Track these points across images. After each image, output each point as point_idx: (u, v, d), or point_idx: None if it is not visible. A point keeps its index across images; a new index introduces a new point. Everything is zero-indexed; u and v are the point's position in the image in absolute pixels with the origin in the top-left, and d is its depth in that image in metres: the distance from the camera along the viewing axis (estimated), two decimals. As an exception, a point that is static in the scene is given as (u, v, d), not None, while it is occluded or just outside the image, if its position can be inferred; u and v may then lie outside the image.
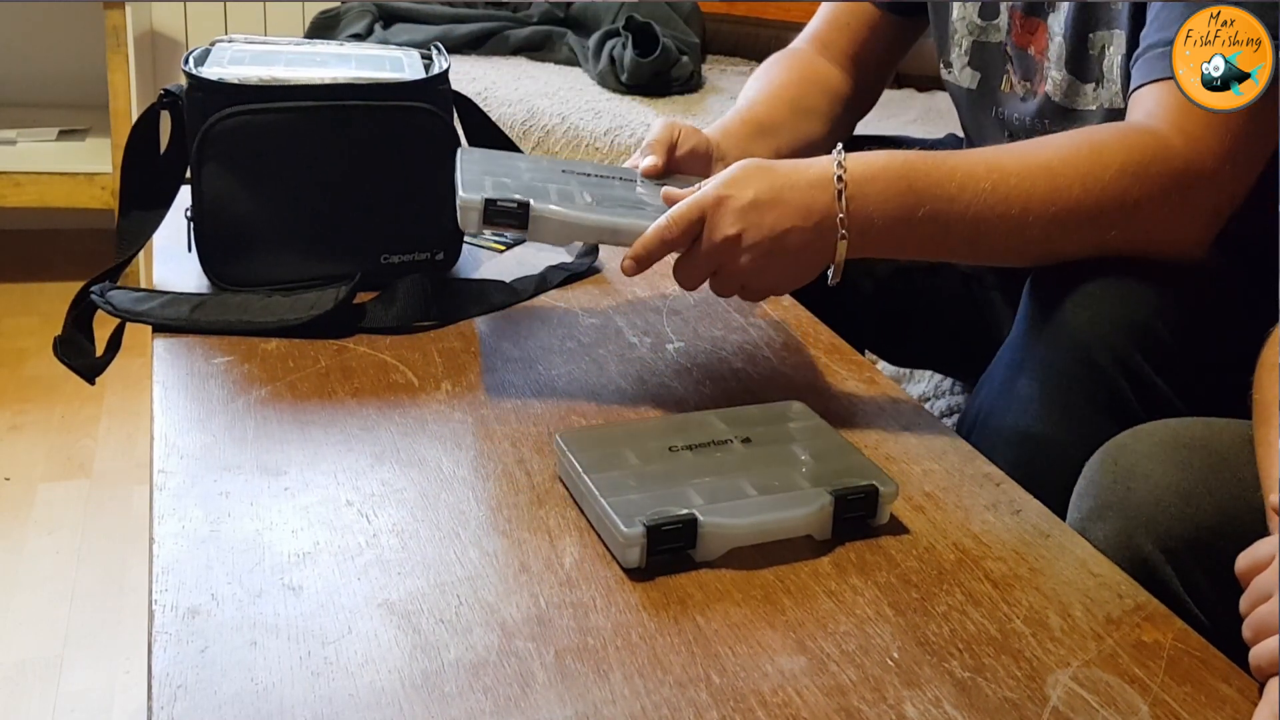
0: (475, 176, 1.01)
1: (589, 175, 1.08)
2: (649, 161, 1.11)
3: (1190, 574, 0.82)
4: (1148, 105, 0.99)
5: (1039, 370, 0.98)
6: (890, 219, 0.97)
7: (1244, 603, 0.70)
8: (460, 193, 0.97)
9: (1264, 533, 0.75)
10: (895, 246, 1.00)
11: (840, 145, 0.99)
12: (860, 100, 1.35)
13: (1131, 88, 1.02)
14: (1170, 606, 0.80)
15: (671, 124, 1.15)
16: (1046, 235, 0.97)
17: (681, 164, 1.14)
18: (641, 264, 0.97)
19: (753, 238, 0.95)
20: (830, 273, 0.99)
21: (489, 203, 0.96)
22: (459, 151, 1.08)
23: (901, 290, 1.32)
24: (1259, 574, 0.70)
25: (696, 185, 0.99)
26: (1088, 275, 0.98)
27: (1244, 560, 0.72)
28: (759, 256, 0.96)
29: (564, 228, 0.98)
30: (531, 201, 0.97)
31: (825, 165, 0.97)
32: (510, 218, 0.96)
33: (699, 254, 0.97)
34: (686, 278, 0.99)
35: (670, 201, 1.00)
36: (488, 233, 0.96)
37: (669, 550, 0.80)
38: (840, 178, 0.96)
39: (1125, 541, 0.84)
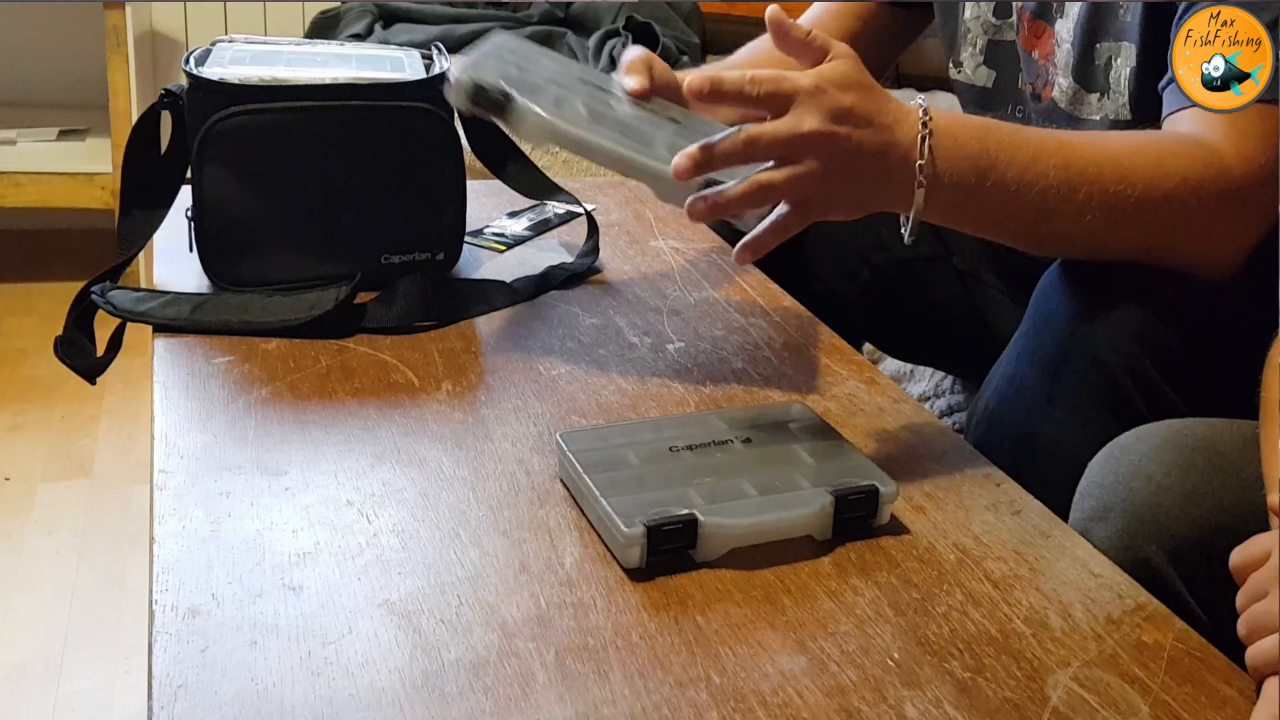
0: (484, 60, 1.00)
1: (607, 91, 1.03)
2: (633, 82, 1.01)
3: (1193, 575, 0.82)
4: (1192, 126, 0.98)
5: (1047, 370, 0.98)
6: (961, 179, 0.93)
7: (1240, 599, 0.70)
8: (456, 70, 0.97)
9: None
10: (957, 211, 0.95)
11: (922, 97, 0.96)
12: None
13: (1166, 112, 1.01)
14: (1172, 608, 0.80)
15: (648, 53, 1.06)
16: (1101, 227, 0.95)
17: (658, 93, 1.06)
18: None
19: (840, 147, 0.89)
20: (906, 229, 0.94)
21: (477, 88, 0.96)
22: (492, 33, 1.07)
23: (899, 281, 1.32)
24: (1254, 570, 0.70)
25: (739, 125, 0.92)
26: (1098, 278, 0.98)
27: (1238, 556, 0.72)
28: (837, 167, 0.90)
29: (543, 130, 0.95)
30: (515, 94, 0.95)
31: (911, 108, 0.93)
32: (493, 106, 0.96)
33: (772, 134, 0.88)
34: (744, 153, 0.89)
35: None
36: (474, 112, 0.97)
37: (669, 550, 0.80)
38: (925, 123, 0.92)
39: (1128, 542, 0.84)
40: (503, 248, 1.31)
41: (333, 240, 1.15)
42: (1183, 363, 0.95)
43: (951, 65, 1.27)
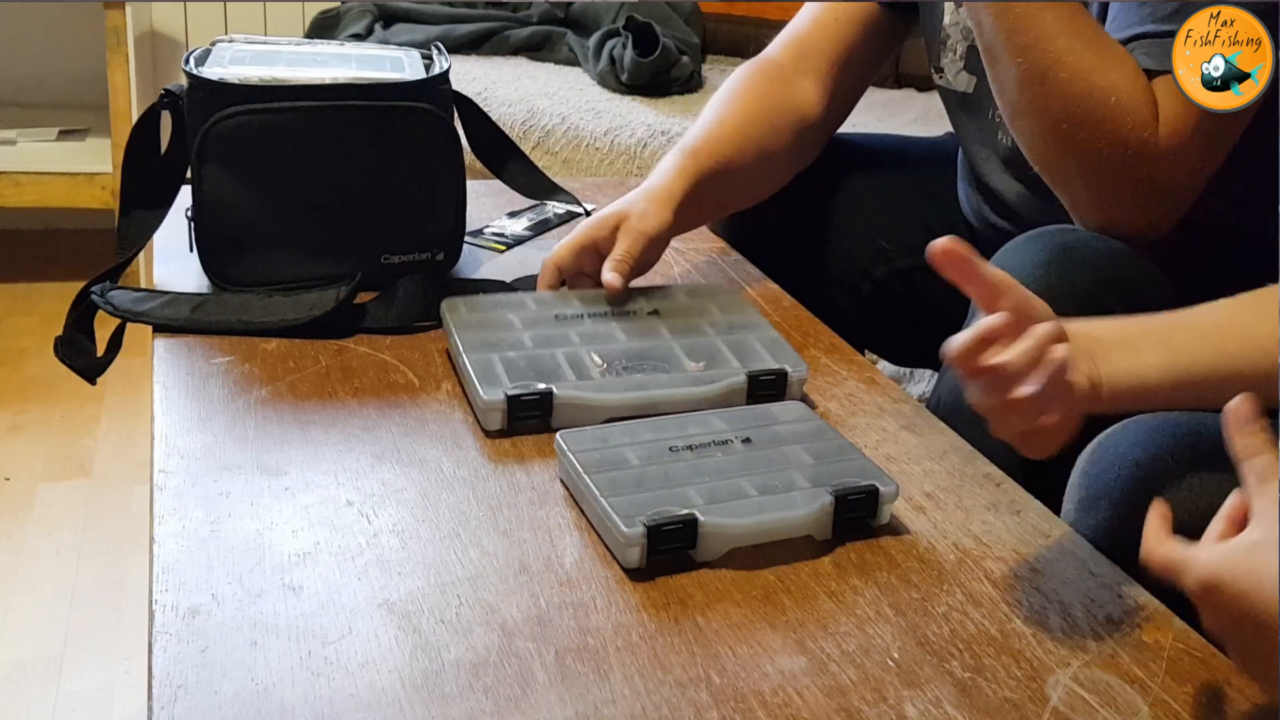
0: (483, 356, 0.98)
1: (583, 317, 1.06)
2: (612, 279, 1.07)
3: None
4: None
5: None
6: None
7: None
8: (480, 394, 0.94)
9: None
10: None
11: None
12: (832, 115, 1.32)
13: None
14: (1161, 593, 0.81)
15: (583, 236, 1.12)
16: (1027, 77, 1.00)
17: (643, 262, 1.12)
18: None
19: None
20: None
21: (513, 400, 0.93)
22: (444, 310, 1.05)
23: (899, 291, 1.32)
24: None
25: None
26: (1040, 253, 0.99)
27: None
28: None
29: (592, 414, 0.95)
30: (554, 389, 0.94)
31: None
32: (534, 409, 0.94)
33: None
34: None
35: None
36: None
37: (669, 550, 0.80)
38: None
39: (1117, 530, 0.85)
40: (503, 248, 1.31)
41: (333, 240, 1.15)
42: None
43: (933, 71, 1.27)
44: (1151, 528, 0.72)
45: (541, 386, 0.94)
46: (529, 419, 0.94)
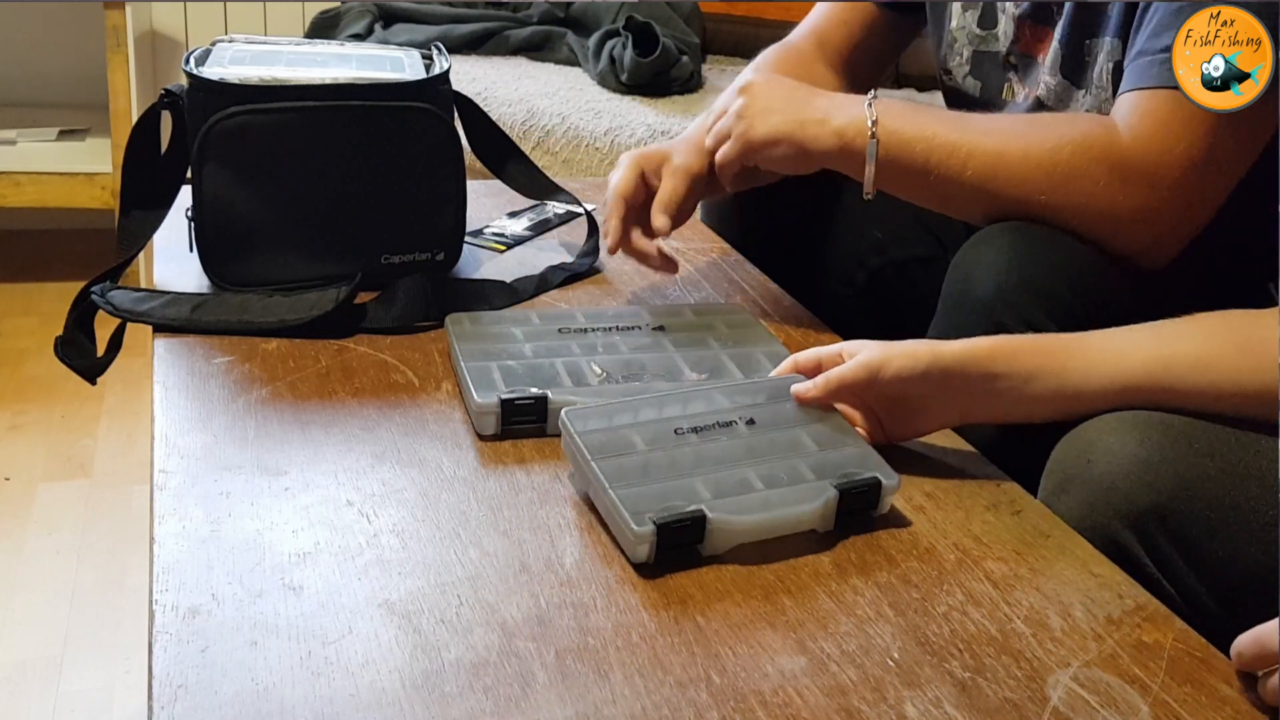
0: (480, 364, 0.98)
1: (587, 331, 1.06)
2: (662, 223, 1.13)
3: (1153, 542, 0.83)
4: (1123, 109, 1.01)
5: (953, 337, 0.99)
6: (889, 137, 1.06)
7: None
8: (474, 398, 0.93)
9: (1222, 499, 0.81)
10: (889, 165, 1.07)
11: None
12: None
13: (1120, 91, 1.02)
14: (1135, 577, 0.82)
15: (634, 167, 1.16)
16: (982, 180, 1.03)
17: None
18: None
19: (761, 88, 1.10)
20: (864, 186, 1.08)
21: (507, 404, 0.93)
22: (448, 323, 1.05)
23: (896, 283, 1.33)
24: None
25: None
26: (1003, 249, 1.00)
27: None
28: (769, 96, 1.10)
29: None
30: (549, 394, 0.94)
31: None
32: (528, 414, 0.94)
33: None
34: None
35: None
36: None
37: (678, 546, 0.80)
38: (870, 102, 1.08)
39: (1088, 513, 0.86)
40: (503, 248, 1.31)
41: (333, 240, 1.15)
42: (1080, 317, 0.97)
43: (942, 73, 1.28)
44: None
45: (535, 391, 0.94)
46: (524, 424, 0.94)
